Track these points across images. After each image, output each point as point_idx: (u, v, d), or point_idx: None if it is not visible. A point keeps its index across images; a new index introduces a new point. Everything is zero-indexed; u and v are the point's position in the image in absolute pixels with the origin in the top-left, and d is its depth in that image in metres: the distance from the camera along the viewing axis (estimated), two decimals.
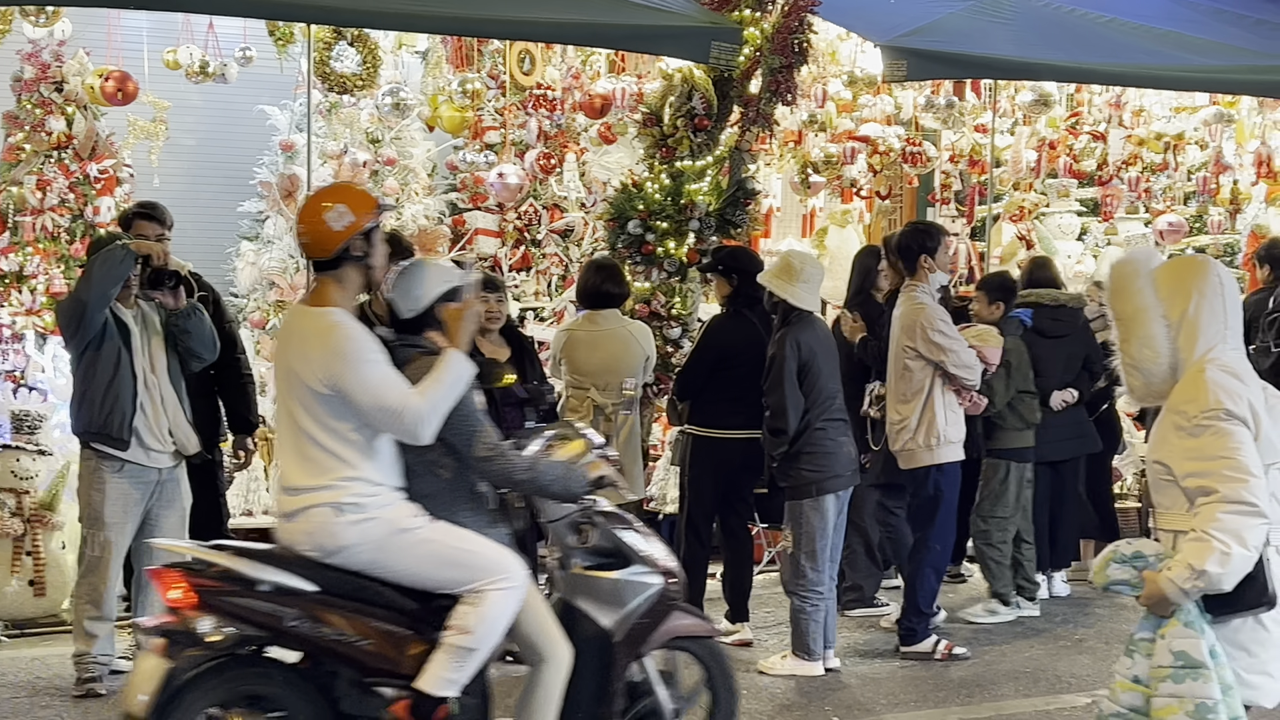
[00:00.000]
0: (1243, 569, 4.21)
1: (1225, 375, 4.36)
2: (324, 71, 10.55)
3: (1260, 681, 4.38)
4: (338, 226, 5.12)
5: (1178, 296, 4.50)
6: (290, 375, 5.14)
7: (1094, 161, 14.06)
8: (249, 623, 4.99)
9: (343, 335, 5.04)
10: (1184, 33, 11.35)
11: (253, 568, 5.02)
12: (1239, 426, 4.29)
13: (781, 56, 9.52)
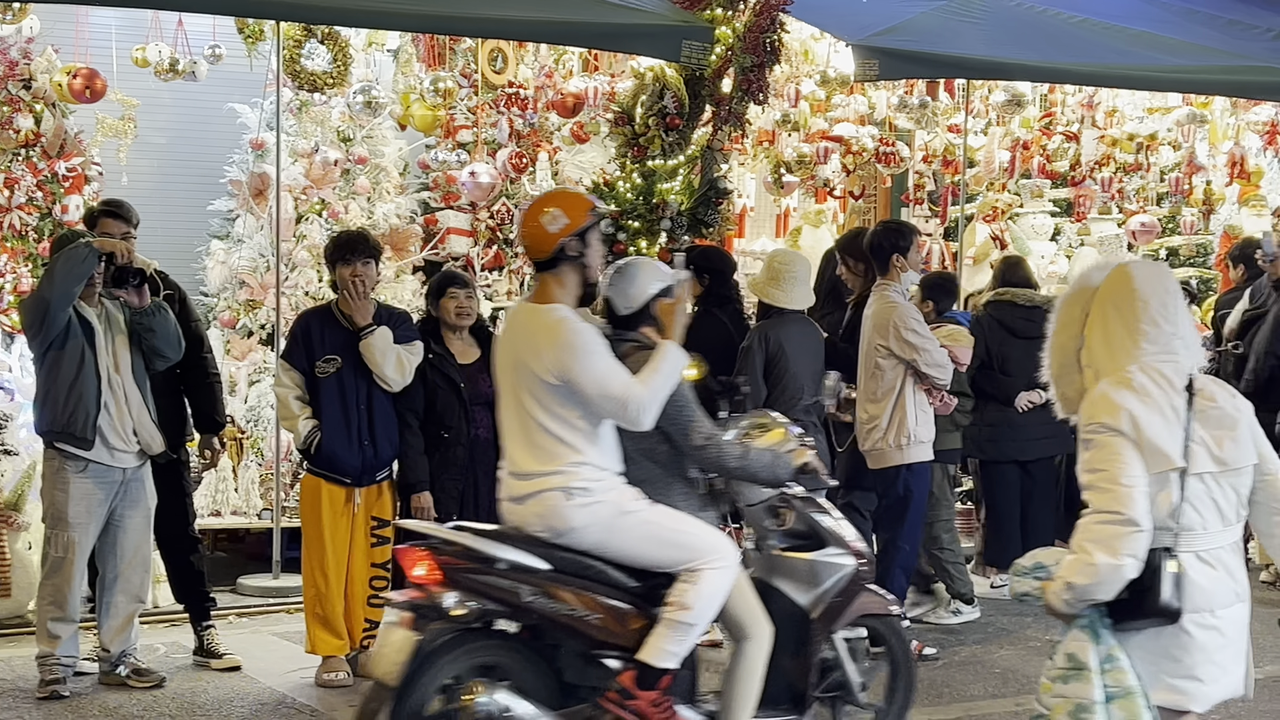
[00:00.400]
0: (1114, 578, 4.27)
1: (1116, 388, 4.43)
2: (294, 69, 10.48)
3: (1188, 686, 4.41)
4: (553, 229, 5.47)
5: (1097, 315, 4.64)
6: (520, 368, 5.49)
7: (1067, 162, 14.07)
8: (489, 598, 5.30)
9: (570, 329, 5.37)
10: (1156, 33, 11.35)
11: (491, 547, 5.35)
12: (1116, 438, 4.34)
13: (753, 55, 9.49)
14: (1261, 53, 11.61)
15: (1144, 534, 4.27)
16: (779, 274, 7.77)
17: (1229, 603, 4.44)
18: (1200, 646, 4.39)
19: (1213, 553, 4.42)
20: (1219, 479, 4.44)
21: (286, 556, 9.49)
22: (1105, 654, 4.33)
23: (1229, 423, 4.47)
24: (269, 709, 6.97)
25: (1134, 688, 4.30)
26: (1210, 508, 4.42)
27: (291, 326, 7.65)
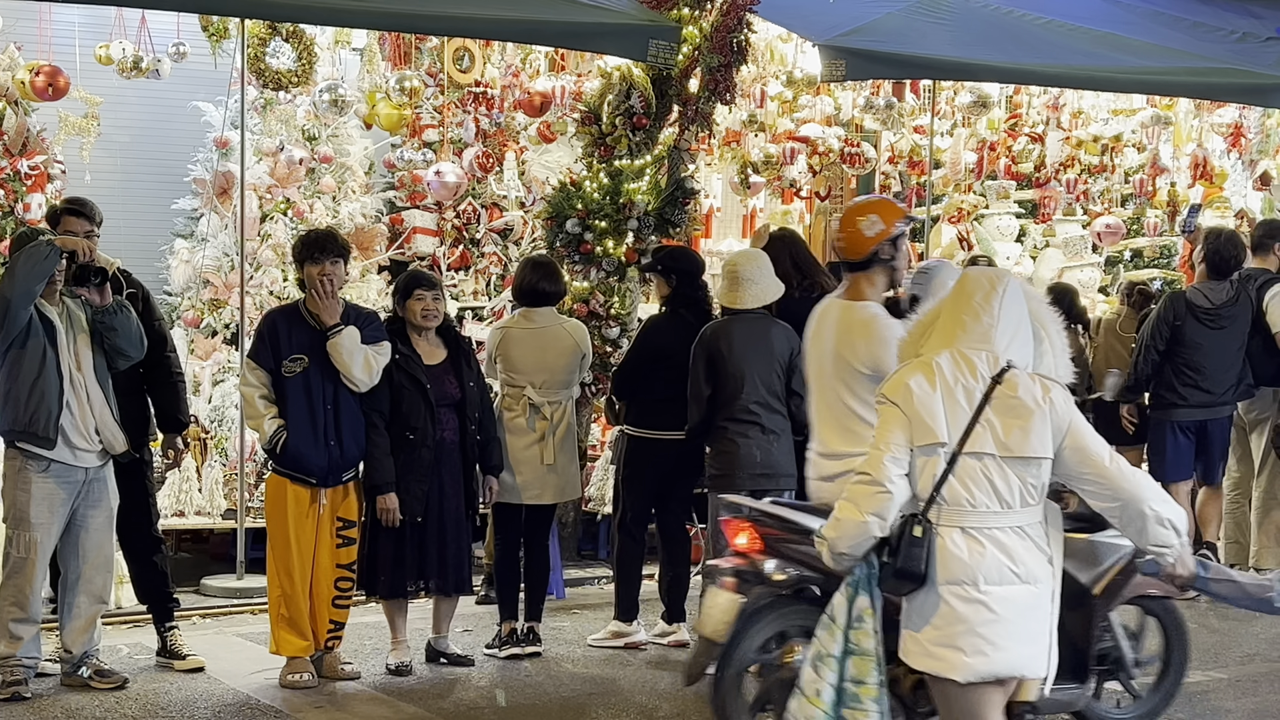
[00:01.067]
0: (859, 533, 4.62)
1: (909, 368, 4.80)
2: (259, 68, 10.43)
3: (948, 655, 4.60)
4: (870, 233, 6.01)
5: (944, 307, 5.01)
6: (835, 358, 6.08)
7: (1032, 163, 14.11)
8: (805, 566, 5.72)
9: (883, 325, 5.96)
10: (1121, 34, 11.42)
11: (807, 519, 5.76)
12: (889, 409, 4.74)
13: (720, 55, 9.51)
14: (1225, 54, 11.70)
15: (889, 496, 4.60)
16: (731, 277, 7.72)
17: (1000, 581, 4.59)
18: (960, 618, 4.57)
19: (983, 530, 4.61)
20: (1001, 463, 4.64)
21: (251, 557, 9.45)
22: (856, 614, 4.64)
23: (1023, 413, 4.67)
24: (233, 710, 6.93)
25: (871, 650, 4.60)
26: (985, 487, 4.64)
27: (258, 325, 7.60)
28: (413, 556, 7.56)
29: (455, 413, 7.63)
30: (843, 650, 4.59)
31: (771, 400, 7.64)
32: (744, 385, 7.59)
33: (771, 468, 7.55)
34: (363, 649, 8.03)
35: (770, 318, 7.79)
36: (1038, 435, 4.67)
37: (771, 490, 7.21)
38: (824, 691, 4.56)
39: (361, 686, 7.39)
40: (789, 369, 7.63)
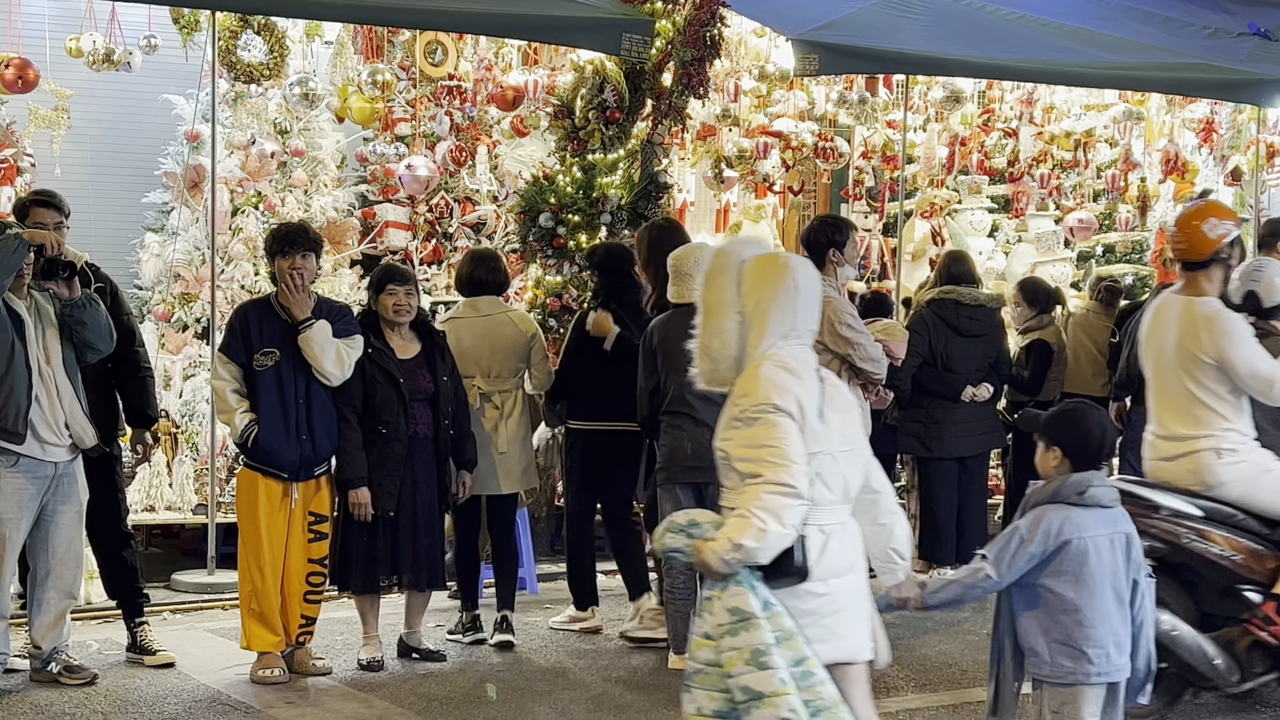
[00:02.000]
0: (779, 544, 4.48)
1: (779, 371, 4.61)
2: (230, 60, 10.39)
3: (826, 639, 4.66)
4: (1213, 235, 6.70)
5: (753, 292, 4.74)
6: (1179, 349, 6.71)
7: (1005, 158, 14.14)
8: (1153, 538, 6.29)
9: (1226, 319, 6.66)
10: (1094, 30, 11.44)
11: (1155, 495, 6.53)
12: (785, 419, 4.53)
13: (693, 49, 9.51)
14: (1198, 50, 11.73)
15: (805, 507, 4.51)
16: (673, 271, 7.69)
17: (841, 571, 4.69)
18: (809, 611, 4.63)
19: (829, 526, 4.67)
20: (844, 458, 4.71)
21: (222, 552, 9.41)
22: (764, 601, 4.53)
23: (849, 407, 4.81)
24: (203, 706, 6.89)
25: (793, 629, 4.54)
26: (838, 482, 4.70)
27: (229, 319, 7.56)
28: (385, 551, 7.53)
29: (429, 407, 7.61)
30: (775, 639, 4.53)
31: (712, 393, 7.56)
32: (680, 378, 7.53)
33: (702, 460, 7.30)
34: (334, 644, 8.01)
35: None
36: (857, 427, 4.83)
37: (705, 482, 7.11)
38: (785, 680, 4.48)
39: (333, 682, 7.37)
40: None
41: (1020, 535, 5.00)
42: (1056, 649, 4.99)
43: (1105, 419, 5.30)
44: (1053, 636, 5.00)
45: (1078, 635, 4.96)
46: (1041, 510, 5.02)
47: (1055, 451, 5.11)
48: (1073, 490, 5.03)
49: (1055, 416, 5.24)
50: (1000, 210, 14.52)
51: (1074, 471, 5.06)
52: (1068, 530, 4.97)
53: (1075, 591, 4.97)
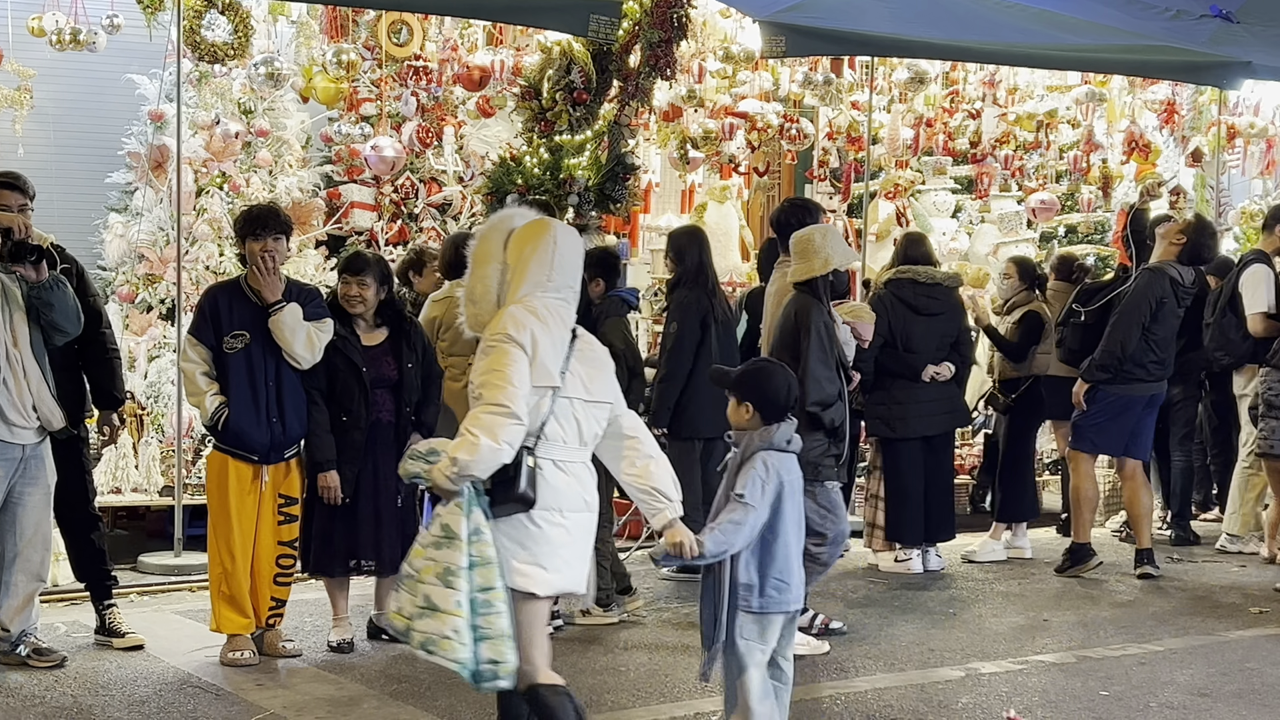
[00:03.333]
0: (492, 459, 4.91)
1: (524, 312, 5.11)
2: (194, 40, 10.33)
3: (533, 572, 5.08)
4: None
5: (517, 248, 5.25)
6: None
7: (968, 139, 14.19)
8: None
9: None
10: (1057, 11, 11.46)
11: None
12: (515, 349, 5.02)
13: (660, 31, 9.50)
14: (1160, 32, 11.76)
15: (520, 428, 4.96)
16: (796, 251, 7.76)
17: (577, 508, 5.16)
18: (547, 539, 5.10)
19: (567, 464, 5.14)
20: (584, 406, 5.18)
21: (188, 534, 9.39)
22: (474, 528, 4.95)
23: (599, 364, 5.28)
24: (173, 688, 6.87)
25: (493, 558, 4.96)
26: (573, 427, 5.15)
27: (199, 301, 7.52)
28: (346, 536, 7.51)
29: (391, 394, 7.57)
30: (469, 563, 4.92)
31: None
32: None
33: None
34: (303, 626, 8.00)
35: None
36: (607, 381, 5.30)
37: None
38: (462, 603, 4.90)
39: (303, 664, 7.36)
40: None
41: (761, 475, 5.45)
42: (770, 581, 5.48)
43: (791, 377, 5.70)
44: (767, 569, 5.48)
45: (784, 568, 5.50)
46: (765, 454, 5.50)
47: (747, 406, 5.59)
48: (782, 439, 5.54)
49: (746, 374, 5.69)
50: (963, 191, 14.59)
51: (764, 424, 5.56)
52: (783, 473, 5.52)
53: (783, 528, 5.50)
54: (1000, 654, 7.71)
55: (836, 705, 6.71)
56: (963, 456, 11.36)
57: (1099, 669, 7.42)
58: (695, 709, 6.63)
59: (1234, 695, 6.95)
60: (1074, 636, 8.08)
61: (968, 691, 6.97)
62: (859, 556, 10.40)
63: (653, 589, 8.99)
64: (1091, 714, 6.58)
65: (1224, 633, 8.29)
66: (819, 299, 7.60)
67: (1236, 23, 12.12)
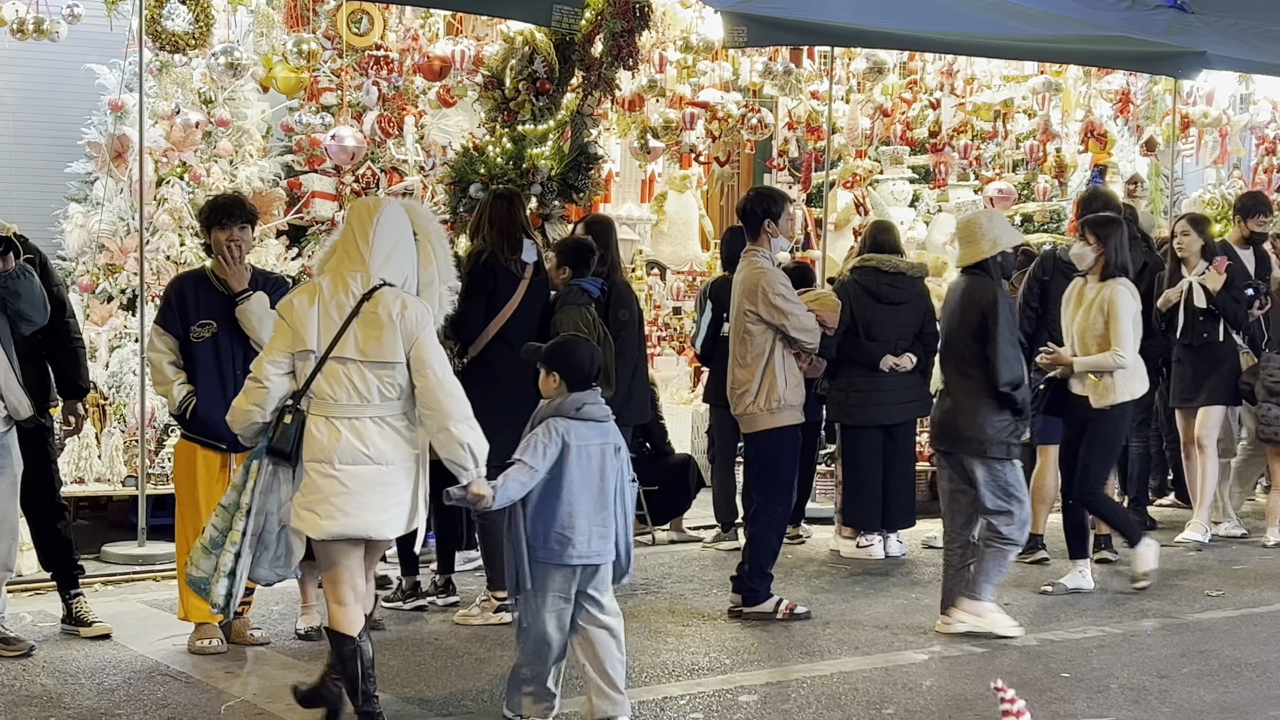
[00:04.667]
0: (244, 418, 5.71)
1: (299, 289, 5.79)
2: (155, 30, 10.30)
3: (306, 516, 5.64)
4: None
5: (340, 227, 5.99)
6: None
7: (927, 129, 14.28)
8: None
9: None
10: (1015, 2, 11.57)
11: None
12: (279, 322, 5.74)
13: (623, 20, 9.53)
14: (1116, 22, 11.89)
15: (267, 391, 5.65)
16: (961, 238, 8.03)
17: (352, 461, 5.62)
18: (318, 489, 5.61)
19: (342, 420, 5.64)
20: (361, 366, 5.64)
21: (151, 524, 9.38)
22: (246, 476, 5.69)
23: (379, 326, 5.66)
24: (142, 676, 6.88)
25: (244, 504, 5.66)
26: (345, 385, 5.64)
27: (165, 291, 7.52)
28: None
29: None
30: (230, 502, 5.70)
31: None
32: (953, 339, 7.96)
33: (950, 429, 7.91)
34: (270, 614, 8.02)
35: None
36: (390, 344, 5.66)
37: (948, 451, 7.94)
38: (207, 531, 5.72)
39: (271, 651, 7.39)
40: None
41: (540, 440, 5.88)
42: (553, 536, 5.88)
43: (594, 350, 6.17)
44: (550, 525, 5.89)
45: (568, 524, 5.88)
46: (551, 420, 5.92)
47: (554, 376, 6.03)
48: (572, 407, 5.94)
49: (553, 348, 6.13)
50: (921, 180, 14.68)
51: (570, 392, 5.98)
52: (570, 437, 5.91)
53: (566, 489, 5.88)
54: (963, 638, 7.79)
55: (803, 688, 6.78)
56: (923, 443, 11.43)
57: (1059, 652, 7.52)
58: (663, 693, 6.69)
59: (1192, 676, 7.06)
60: (1034, 620, 8.18)
61: (931, 674, 7.05)
62: (821, 542, 10.48)
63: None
64: (1053, 695, 6.67)
65: (1181, 615, 8.40)
66: (994, 280, 7.80)
67: (1191, 13, 12.29)
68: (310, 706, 5.97)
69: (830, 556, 10.10)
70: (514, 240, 8.12)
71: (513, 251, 8.10)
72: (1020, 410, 7.72)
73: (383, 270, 5.73)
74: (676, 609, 8.45)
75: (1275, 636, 7.92)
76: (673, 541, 10.60)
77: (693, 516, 10.88)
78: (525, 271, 8.16)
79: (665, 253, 13.78)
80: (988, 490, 7.71)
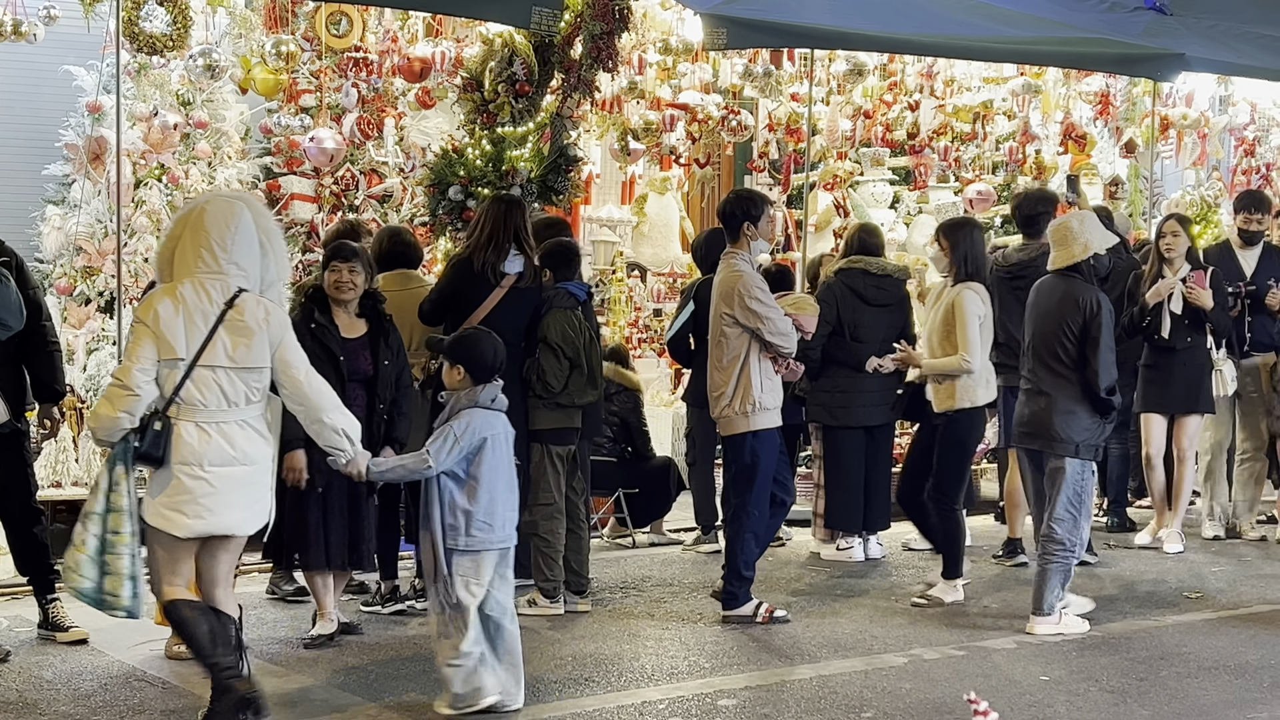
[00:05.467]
0: (111, 424, 5.75)
1: (160, 294, 5.88)
2: (133, 31, 10.27)
3: (172, 516, 5.83)
4: None
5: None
6: None
7: (905, 130, 14.29)
8: None
9: None
10: (994, 4, 11.57)
11: None
12: (141, 327, 5.82)
13: (602, 23, 9.52)
14: (1096, 24, 11.90)
15: (137, 398, 5.74)
16: (1054, 240, 8.13)
17: (222, 463, 5.85)
18: (186, 490, 5.81)
19: (211, 425, 5.84)
20: (229, 372, 5.85)
21: None
22: (114, 480, 5.80)
23: (247, 332, 5.87)
24: (119, 682, 6.86)
25: (124, 507, 5.80)
26: (215, 391, 5.83)
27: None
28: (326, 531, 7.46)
29: (364, 389, 7.52)
30: (104, 508, 5.78)
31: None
32: (1037, 344, 8.07)
33: (1033, 427, 8.08)
34: (248, 619, 7.93)
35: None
36: (258, 350, 5.89)
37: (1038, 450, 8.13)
38: (89, 541, 5.78)
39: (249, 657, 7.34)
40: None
41: (455, 434, 6.15)
42: (475, 523, 6.18)
43: (496, 343, 6.42)
44: (472, 513, 6.18)
45: (489, 510, 6.21)
46: (469, 413, 6.20)
47: (459, 369, 6.30)
48: (486, 399, 6.25)
49: (456, 341, 6.44)
50: (901, 182, 14.69)
51: (474, 385, 6.26)
52: (485, 429, 6.22)
53: (487, 476, 6.20)
54: (942, 641, 7.79)
55: (782, 692, 6.77)
56: (902, 446, 11.43)
57: (1038, 654, 7.52)
58: (641, 697, 6.68)
59: (1171, 679, 7.07)
60: (1013, 622, 8.17)
61: (910, 678, 7.05)
62: (801, 545, 10.47)
63: (598, 579, 9.01)
64: (1032, 699, 6.67)
65: (1160, 617, 8.41)
66: (1091, 283, 7.95)
67: (1170, 15, 12.30)
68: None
69: (810, 559, 10.10)
70: (499, 246, 8.08)
71: (495, 256, 8.06)
72: (1112, 413, 7.93)
73: (241, 276, 5.95)
74: (656, 612, 8.43)
75: (1253, 639, 7.93)
76: (653, 544, 10.59)
77: (673, 519, 10.87)
78: (504, 281, 8.11)
79: (646, 254, 13.78)
80: (1065, 493, 7.86)
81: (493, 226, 8.14)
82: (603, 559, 9.72)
